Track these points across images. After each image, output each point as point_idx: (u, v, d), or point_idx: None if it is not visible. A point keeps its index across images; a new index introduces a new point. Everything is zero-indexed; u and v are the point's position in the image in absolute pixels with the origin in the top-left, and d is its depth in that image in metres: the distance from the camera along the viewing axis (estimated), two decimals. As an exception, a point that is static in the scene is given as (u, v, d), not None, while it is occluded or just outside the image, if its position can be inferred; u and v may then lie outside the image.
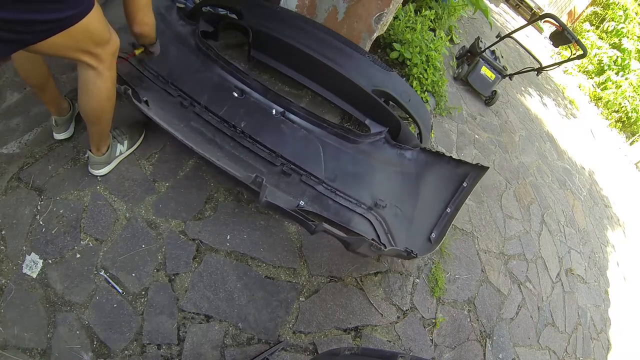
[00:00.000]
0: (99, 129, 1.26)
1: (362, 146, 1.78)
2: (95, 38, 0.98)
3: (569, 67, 8.34)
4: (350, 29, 2.07)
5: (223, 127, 1.62)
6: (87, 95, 1.11)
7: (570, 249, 3.03)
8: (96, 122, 1.22)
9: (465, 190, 1.70)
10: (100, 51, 1.01)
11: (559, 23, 3.07)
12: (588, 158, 5.10)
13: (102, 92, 1.11)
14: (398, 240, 1.65)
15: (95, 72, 1.05)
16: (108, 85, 1.11)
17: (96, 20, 0.94)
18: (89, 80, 1.07)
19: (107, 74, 1.08)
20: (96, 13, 0.92)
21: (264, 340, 1.35)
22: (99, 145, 1.32)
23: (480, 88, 3.56)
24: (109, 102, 1.16)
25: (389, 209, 1.71)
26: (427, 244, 1.64)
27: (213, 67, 1.74)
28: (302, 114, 1.74)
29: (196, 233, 1.43)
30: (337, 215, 1.62)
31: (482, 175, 1.68)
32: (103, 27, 0.99)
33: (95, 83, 1.08)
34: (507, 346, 1.98)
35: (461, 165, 1.73)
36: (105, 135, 1.31)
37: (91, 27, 0.93)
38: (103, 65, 1.05)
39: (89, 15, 0.89)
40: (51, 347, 1.10)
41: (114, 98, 1.17)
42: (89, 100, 1.13)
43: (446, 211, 1.70)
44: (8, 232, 1.22)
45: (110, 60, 1.07)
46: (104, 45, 1.02)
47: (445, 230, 1.66)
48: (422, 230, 1.69)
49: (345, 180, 1.70)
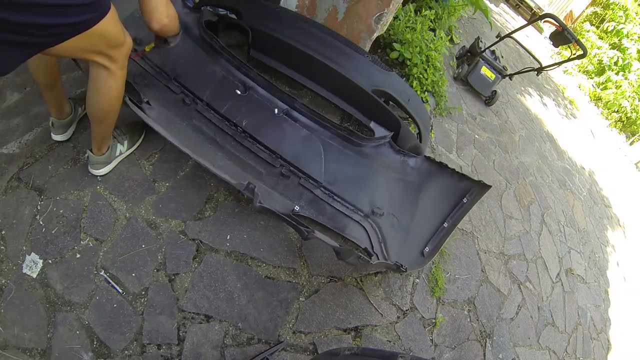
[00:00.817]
0: (103, 128, 1.26)
1: (364, 150, 1.75)
2: (111, 40, 0.99)
3: (569, 67, 8.35)
4: (350, 29, 2.07)
5: (224, 125, 1.61)
6: (97, 94, 1.12)
7: (570, 249, 3.03)
8: (102, 121, 1.22)
9: (465, 206, 1.68)
10: (115, 53, 1.03)
11: (559, 23, 3.07)
12: (588, 158, 5.10)
13: (113, 92, 1.12)
14: (391, 251, 1.63)
15: (108, 72, 1.06)
16: (119, 84, 1.12)
17: (112, 23, 0.95)
18: (100, 79, 1.08)
19: (119, 73, 1.09)
20: (112, 16, 0.93)
21: (264, 340, 1.35)
22: (100, 145, 1.32)
23: (480, 88, 3.56)
24: (117, 102, 1.17)
25: (386, 217, 1.69)
26: (419, 258, 1.63)
27: (216, 60, 1.70)
28: (305, 112, 1.71)
29: (196, 233, 1.43)
30: (332, 221, 1.59)
31: (483, 193, 1.66)
32: (118, 29, 1.00)
33: (107, 82, 1.09)
34: (507, 346, 1.98)
35: (464, 180, 1.71)
36: (108, 135, 1.32)
37: (107, 29, 0.94)
38: (116, 66, 1.06)
39: (106, 19, 0.90)
40: (51, 347, 1.10)
41: (121, 98, 1.18)
42: (99, 99, 1.13)
43: (443, 226, 1.68)
44: (8, 232, 1.22)
45: (123, 61, 1.08)
46: (119, 47, 1.03)
47: (439, 245, 1.64)
48: (416, 243, 1.67)
49: (344, 184, 1.68)
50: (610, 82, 7.91)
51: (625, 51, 8.03)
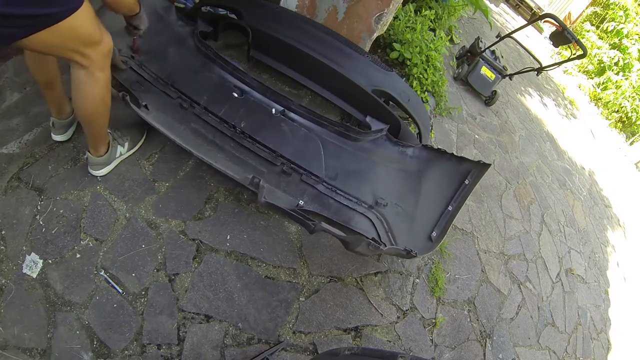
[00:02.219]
0: (93, 130, 1.25)
1: (362, 144, 1.78)
2: (84, 37, 0.97)
3: (569, 67, 8.34)
4: (350, 29, 2.07)
5: (223, 127, 1.62)
6: (79, 95, 1.11)
7: (570, 249, 3.03)
8: (89, 123, 1.21)
9: (467, 187, 1.68)
10: (90, 51, 1.01)
11: (559, 23, 3.07)
12: (588, 158, 5.10)
13: (95, 93, 1.10)
14: (399, 239, 1.64)
15: (87, 71, 1.05)
16: (100, 86, 1.10)
17: (84, 19, 0.94)
18: (80, 80, 1.07)
19: (99, 74, 1.07)
20: (84, 12, 0.92)
21: (264, 340, 1.34)
22: (96, 146, 1.31)
23: (480, 88, 3.56)
24: (102, 104, 1.15)
25: (390, 207, 1.71)
26: (427, 243, 1.64)
27: (212, 67, 1.74)
28: (302, 112, 1.73)
29: (196, 233, 1.43)
30: (337, 214, 1.62)
31: (484, 172, 1.66)
32: (92, 27, 0.98)
33: (87, 83, 1.07)
34: (507, 346, 1.98)
35: (463, 162, 1.72)
36: (102, 137, 1.30)
37: (78, 26, 0.93)
38: (94, 66, 1.04)
39: (77, 14, 0.89)
40: (51, 347, 1.10)
41: (107, 100, 1.16)
42: (82, 101, 1.12)
43: (447, 209, 1.69)
44: (8, 232, 1.22)
45: (101, 61, 1.06)
46: (94, 46, 1.01)
47: (446, 229, 1.65)
48: (423, 229, 1.68)
49: (345, 178, 1.70)
50: (610, 82, 7.90)
51: (625, 51, 8.03)
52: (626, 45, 8.07)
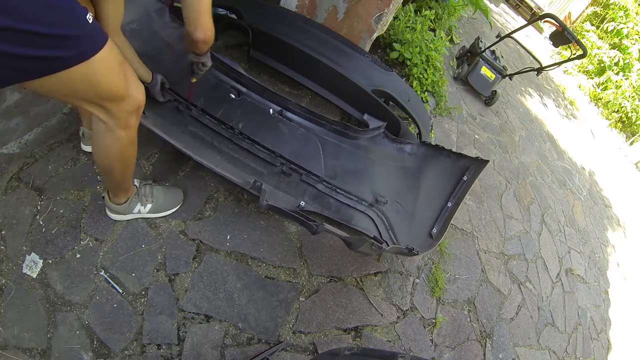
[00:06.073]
0: (111, 180, 1.14)
1: (361, 142, 1.78)
2: (102, 91, 0.79)
3: (569, 67, 8.34)
4: (350, 29, 2.07)
5: (221, 129, 1.62)
6: (96, 148, 0.98)
7: (570, 249, 3.03)
8: (106, 174, 1.11)
9: (466, 184, 1.69)
10: (112, 106, 0.84)
11: (559, 23, 3.07)
12: (588, 158, 5.10)
13: (113, 151, 0.95)
14: (399, 237, 1.65)
15: (106, 126, 0.88)
16: (121, 145, 0.94)
17: (104, 67, 0.75)
18: (98, 131, 0.92)
19: (121, 133, 0.91)
20: (106, 59, 0.75)
21: (264, 340, 1.34)
22: (114, 192, 1.21)
23: (480, 88, 3.56)
24: (120, 164, 1.01)
25: (390, 204, 1.72)
26: (428, 240, 1.64)
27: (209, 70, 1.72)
28: (300, 112, 1.73)
29: (196, 233, 1.43)
30: (338, 214, 1.62)
31: (482, 168, 1.66)
32: (116, 77, 0.80)
33: (104, 139, 0.92)
34: (507, 346, 1.98)
35: (461, 158, 1.72)
36: (121, 188, 1.19)
37: (93, 74, 0.74)
38: (115, 122, 0.88)
39: (93, 61, 0.72)
40: (51, 347, 1.10)
41: (128, 159, 1.03)
42: (98, 154, 1.00)
43: (447, 206, 1.69)
44: (8, 232, 1.22)
45: (125, 119, 0.89)
46: (117, 101, 0.84)
47: (446, 225, 1.65)
48: (423, 226, 1.69)
49: (345, 177, 1.70)
50: (610, 82, 7.90)
51: (625, 51, 8.02)
52: (626, 45, 8.07)
